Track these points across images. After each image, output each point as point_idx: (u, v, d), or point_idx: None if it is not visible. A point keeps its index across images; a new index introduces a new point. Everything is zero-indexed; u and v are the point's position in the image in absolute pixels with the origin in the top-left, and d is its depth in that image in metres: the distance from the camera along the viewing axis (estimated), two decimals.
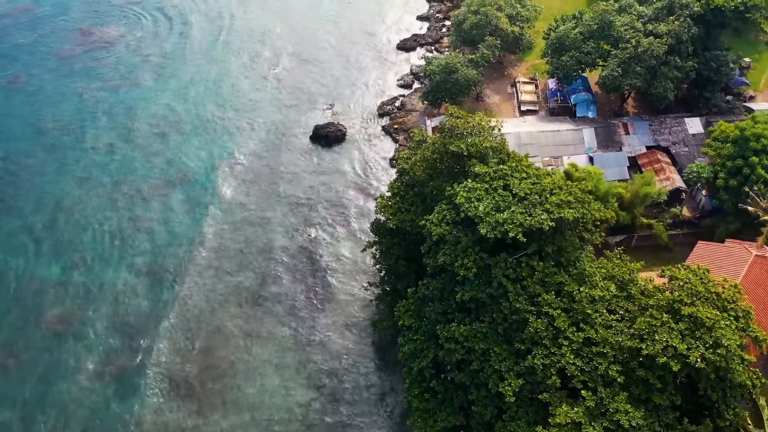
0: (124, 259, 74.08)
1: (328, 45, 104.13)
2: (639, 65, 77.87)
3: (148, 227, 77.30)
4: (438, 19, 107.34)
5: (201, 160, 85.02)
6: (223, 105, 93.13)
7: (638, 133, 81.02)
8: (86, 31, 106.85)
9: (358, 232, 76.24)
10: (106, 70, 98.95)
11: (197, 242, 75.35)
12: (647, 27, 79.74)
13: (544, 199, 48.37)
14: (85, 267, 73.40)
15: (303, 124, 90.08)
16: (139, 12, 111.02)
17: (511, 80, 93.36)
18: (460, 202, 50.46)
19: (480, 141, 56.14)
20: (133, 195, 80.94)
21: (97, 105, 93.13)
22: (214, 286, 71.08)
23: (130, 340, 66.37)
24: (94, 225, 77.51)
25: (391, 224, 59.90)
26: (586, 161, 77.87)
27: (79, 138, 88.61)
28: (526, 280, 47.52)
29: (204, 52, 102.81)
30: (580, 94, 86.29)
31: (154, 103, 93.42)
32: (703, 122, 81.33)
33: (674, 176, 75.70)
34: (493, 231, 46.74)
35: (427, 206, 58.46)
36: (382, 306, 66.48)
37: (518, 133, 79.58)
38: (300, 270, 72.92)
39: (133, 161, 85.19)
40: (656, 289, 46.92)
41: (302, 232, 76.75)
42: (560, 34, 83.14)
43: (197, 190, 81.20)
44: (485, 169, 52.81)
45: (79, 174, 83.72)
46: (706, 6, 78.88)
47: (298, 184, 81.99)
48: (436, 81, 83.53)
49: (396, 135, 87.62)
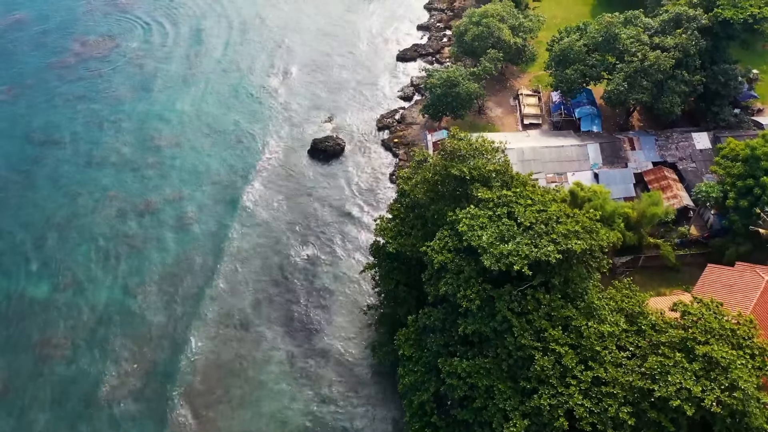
0: (116, 279, 71.91)
1: (327, 56, 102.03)
2: (645, 79, 75.90)
3: (141, 246, 75.16)
4: (439, 29, 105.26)
5: (195, 176, 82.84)
6: (219, 118, 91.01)
7: (644, 149, 78.98)
8: (80, 40, 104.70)
9: (357, 251, 74.21)
10: (100, 82, 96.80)
11: (188, 262, 73.18)
12: (653, 40, 77.76)
13: (550, 229, 46.33)
14: (76, 287, 71.34)
15: (301, 138, 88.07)
16: (135, 21, 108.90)
17: (513, 92, 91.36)
18: (462, 230, 48.46)
19: (483, 164, 54.17)
20: (126, 212, 78.75)
21: (90, 117, 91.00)
22: (207, 308, 69.01)
23: (122, 366, 64.32)
24: (86, 243, 75.29)
25: (391, 248, 57.87)
26: (591, 178, 75.90)
27: (72, 151, 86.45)
28: (531, 313, 45.50)
29: (199, 63, 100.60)
30: (585, 108, 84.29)
31: (149, 115, 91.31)
32: (711, 137, 79.34)
33: (681, 194, 73.68)
34: (498, 263, 44.71)
35: (427, 230, 56.49)
36: (381, 330, 64.57)
37: (521, 149, 77.60)
38: (297, 291, 70.84)
39: (127, 176, 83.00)
40: (668, 325, 44.87)
41: (299, 251, 74.69)
42: (564, 47, 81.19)
43: (191, 207, 78.98)
44: (488, 194, 50.81)
45: (72, 189, 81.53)
46: (714, 19, 76.83)
47: (295, 201, 79.91)
48: (437, 94, 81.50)
49: (396, 149, 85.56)
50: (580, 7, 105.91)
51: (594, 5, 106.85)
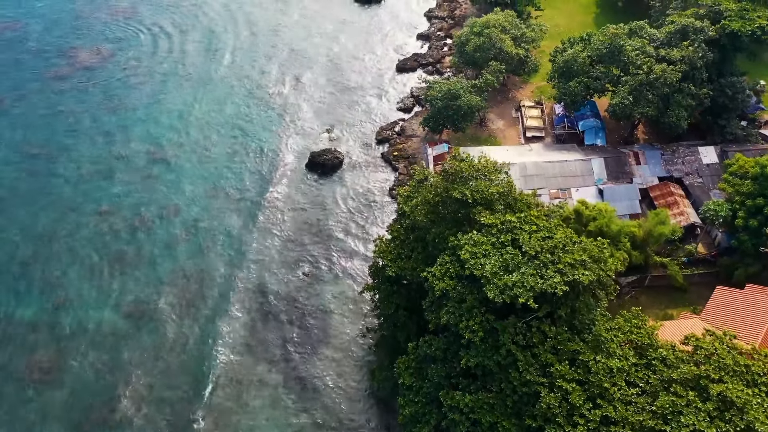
0: (109, 298, 70.04)
1: (324, 66, 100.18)
2: (651, 93, 74.12)
3: (135, 263, 73.33)
4: (439, 38, 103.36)
5: (192, 191, 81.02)
6: (216, 129, 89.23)
7: (650, 163, 77.16)
8: (76, 49, 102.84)
9: (356, 270, 72.38)
10: (95, 92, 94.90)
11: (184, 281, 71.39)
12: (659, 52, 75.94)
13: (556, 258, 44.51)
14: (69, 306, 69.49)
15: (299, 150, 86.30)
16: (131, 30, 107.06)
17: (515, 104, 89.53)
18: (464, 258, 46.67)
19: (485, 186, 52.36)
20: (121, 228, 76.93)
21: (85, 130, 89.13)
22: (203, 329, 67.23)
23: (114, 391, 62.41)
24: (79, 260, 73.52)
25: (390, 271, 56.06)
26: (596, 194, 74.11)
27: (66, 165, 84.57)
28: (537, 347, 43.69)
29: (197, 73, 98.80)
30: (589, 121, 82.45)
31: (145, 127, 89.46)
32: (718, 151, 77.55)
33: (688, 210, 71.88)
34: (502, 295, 42.89)
35: (428, 254, 54.73)
36: (381, 353, 62.78)
37: (524, 164, 75.79)
38: (294, 310, 69.05)
39: (122, 191, 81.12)
40: (679, 359, 43.02)
41: (296, 268, 72.90)
42: (567, 58, 79.37)
43: (187, 223, 77.19)
44: (491, 219, 49.00)
45: (64, 204, 79.69)
46: (722, 30, 75.10)
47: (293, 217, 78.13)
48: (437, 107, 79.66)
49: (395, 162, 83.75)
50: (583, 16, 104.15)
51: (597, 13, 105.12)
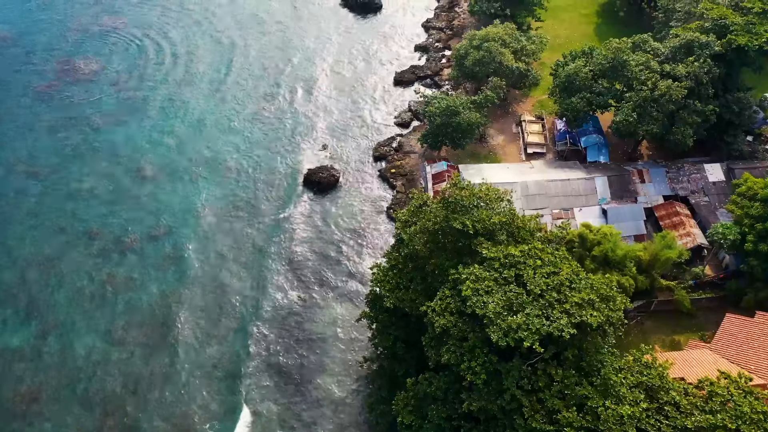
0: (98, 324, 67.90)
1: (320, 79, 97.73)
2: (656, 110, 72.08)
3: (125, 286, 71.15)
4: (437, 49, 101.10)
5: (184, 210, 78.77)
6: (209, 146, 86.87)
7: (654, 182, 75.15)
8: (65, 62, 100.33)
9: (353, 294, 70.29)
10: (85, 107, 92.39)
11: (174, 306, 69.20)
12: (664, 67, 73.86)
13: (563, 297, 42.44)
14: (57, 333, 67.31)
15: (294, 168, 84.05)
16: (122, 41, 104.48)
17: (516, 118, 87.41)
18: (466, 295, 44.58)
19: (487, 215, 50.31)
20: (111, 249, 74.69)
21: (75, 146, 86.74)
22: (196, 355, 65.07)
23: (105, 420, 60.29)
24: (68, 284, 71.33)
25: (388, 303, 53.90)
26: (599, 214, 72.10)
27: (55, 183, 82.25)
28: (543, 391, 41.61)
29: (189, 86, 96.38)
30: (591, 137, 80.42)
31: (136, 144, 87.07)
32: (725, 169, 75.65)
33: (695, 231, 69.90)
34: (506, 338, 40.80)
35: (428, 285, 52.70)
36: (378, 383, 60.66)
37: (525, 183, 73.76)
38: (289, 337, 66.96)
39: (111, 210, 78.77)
40: (693, 406, 40.96)
41: (291, 293, 70.77)
42: (569, 73, 77.28)
43: (179, 244, 74.97)
44: (494, 252, 46.91)
45: (54, 224, 77.45)
46: (728, 45, 73.07)
47: (287, 237, 75.88)
48: (436, 124, 77.58)
49: (393, 180, 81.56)
50: (584, 26, 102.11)
51: (598, 23, 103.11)
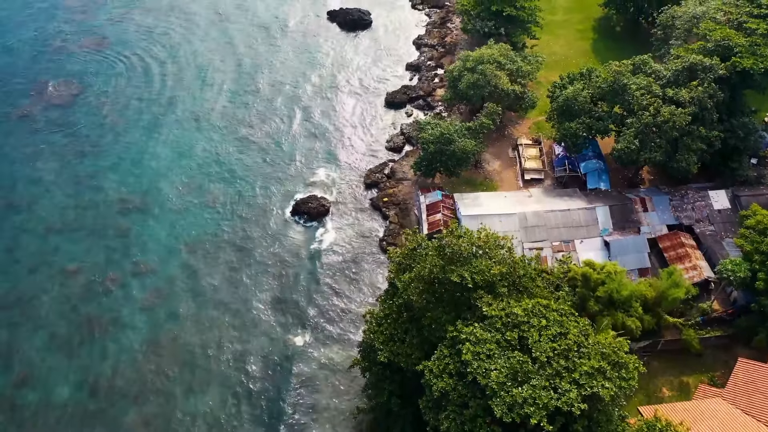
0: (77, 372, 64.36)
1: (310, 102, 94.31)
2: (659, 136, 69.12)
3: (105, 330, 67.62)
4: (429, 68, 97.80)
5: (169, 244, 75.21)
6: (194, 174, 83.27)
7: (658, 210, 72.15)
8: (42, 84, 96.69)
9: (345, 335, 66.93)
10: (63, 134, 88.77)
11: (160, 348, 65.69)
12: (666, 92, 70.85)
13: (571, 365, 39.27)
14: (33, 382, 63.70)
15: (282, 197, 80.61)
16: (103, 62, 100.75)
17: (512, 141, 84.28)
18: (466, 359, 41.39)
19: (486, 266, 47.09)
20: (90, 290, 71.10)
21: (52, 177, 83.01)
22: (178, 406, 61.56)
23: None
24: (44, 328, 67.77)
25: (382, 357, 50.61)
26: (601, 246, 69.01)
27: (31, 216, 78.59)
28: None
29: (172, 110, 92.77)
30: (591, 162, 77.34)
31: (116, 173, 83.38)
32: (730, 195, 72.73)
33: (701, 264, 66.88)
34: (511, 413, 37.62)
35: (424, 339, 49.45)
36: None
37: (524, 214, 70.58)
38: (277, 382, 63.55)
39: (91, 246, 75.22)
40: None
41: (279, 334, 67.34)
42: (568, 96, 74.22)
43: (161, 283, 71.43)
44: (495, 310, 43.74)
45: (29, 261, 73.81)
46: (732, 68, 70.11)
47: (276, 273, 72.46)
48: (430, 151, 74.39)
49: (386, 210, 78.26)
50: (581, 42, 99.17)
51: (595, 39, 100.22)
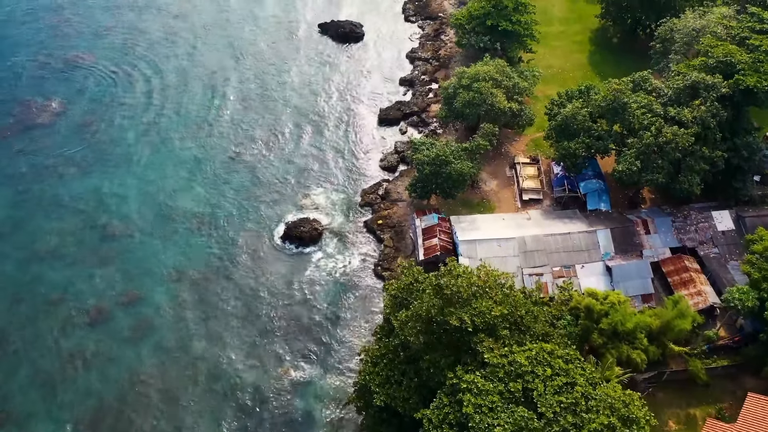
0: (60, 410, 61.76)
1: (299, 118, 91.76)
2: (661, 157, 67.04)
3: (91, 363, 65.12)
4: (423, 82, 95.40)
5: (155, 273, 72.54)
6: (182, 198, 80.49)
7: (660, 232, 70.12)
8: (24, 103, 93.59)
9: (340, 368, 64.55)
10: (46, 155, 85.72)
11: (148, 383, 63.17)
12: (668, 111, 68.76)
13: (579, 421, 37.04)
14: (13, 422, 61.05)
15: (272, 221, 78.06)
16: (87, 78, 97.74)
17: (509, 160, 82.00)
18: (467, 412, 39.12)
19: (487, 308, 44.80)
20: (74, 321, 68.53)
21: (33, 201, 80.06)
22: None
23: None
24: (26, 363, 65.13)
25: (378, 400, 48.31)
26: (603, 271, 66.97)
27: (12, 242, 75.77)
28: None
29: (159, 129, 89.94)
30: (591, 182, 75.19)
31: (103, 196, 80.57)
32: (734, 216, 70.78)
33: (706, 289, 64.88)
34: None
35: (422, 382, 47.16)
36: None
37: (523, 239, 68.42)
38: (270, 419, 61.13)
39: (75, 274, 72.53)
40: None
41: (271, 366, 64.89)
42: (567, 115, 72.08)
43: (148, 313, 68.86)
44: (497, 358, 41.51)
45: (9, 292, 71.04)
46: (735, 86, 68.06)
47: (267, 302, 69.99)
48: (425, 173, 72.10)
49: (380, 233, 75.89)
50: (577, 54, 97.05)
51: (591, 51, 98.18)
